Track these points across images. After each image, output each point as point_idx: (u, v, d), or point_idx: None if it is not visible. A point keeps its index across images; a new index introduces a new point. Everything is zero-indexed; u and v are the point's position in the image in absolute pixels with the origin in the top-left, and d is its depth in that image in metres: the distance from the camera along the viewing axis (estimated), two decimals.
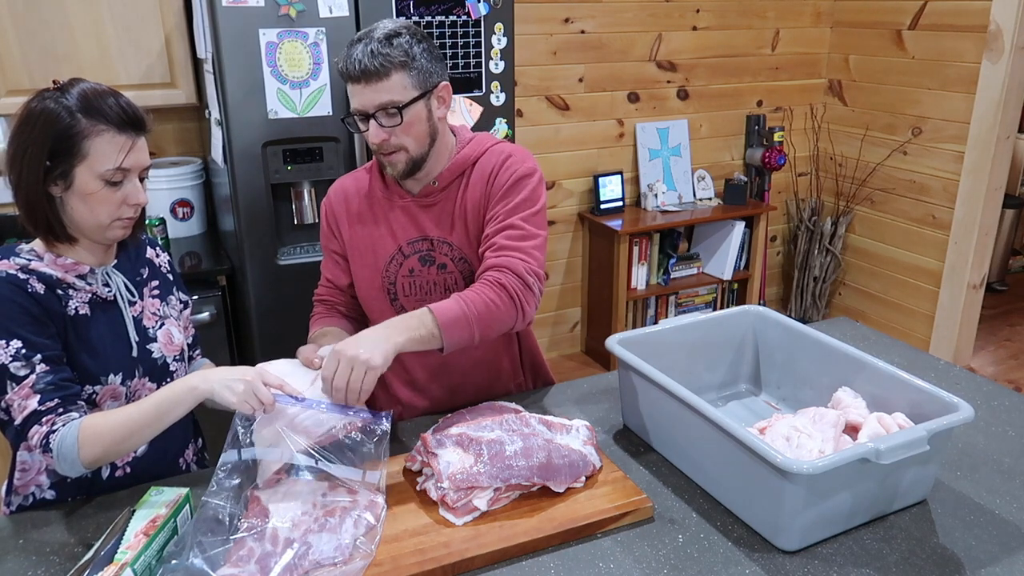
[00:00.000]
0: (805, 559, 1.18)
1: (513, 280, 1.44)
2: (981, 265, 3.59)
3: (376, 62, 1.38)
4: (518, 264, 1.45)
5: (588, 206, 3.76)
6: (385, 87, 1.40)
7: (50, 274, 1.28)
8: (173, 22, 2.51)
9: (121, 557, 1.10)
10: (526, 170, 1.53)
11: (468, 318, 1.38)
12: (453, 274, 1.57)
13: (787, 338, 1.58)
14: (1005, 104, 3.32)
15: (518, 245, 1.47)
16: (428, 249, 1.57)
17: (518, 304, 1.44)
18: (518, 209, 1.50)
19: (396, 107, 1.42)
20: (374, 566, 1.14)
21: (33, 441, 1.23)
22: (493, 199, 1.52)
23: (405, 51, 1.40)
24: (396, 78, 1.40)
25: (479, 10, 2.46)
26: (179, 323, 1.49)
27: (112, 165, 1.25)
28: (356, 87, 1.42)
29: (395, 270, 1.58)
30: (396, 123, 1.43)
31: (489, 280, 1.44)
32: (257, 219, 2.37)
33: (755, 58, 3.92)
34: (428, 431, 1.40)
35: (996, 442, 1.48)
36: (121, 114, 1.25)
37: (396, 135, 1.44)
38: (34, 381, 1.23)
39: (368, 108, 1.42)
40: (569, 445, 1.35)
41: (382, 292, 1.60)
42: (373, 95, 1.41)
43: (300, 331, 1.72)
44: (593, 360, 3.93)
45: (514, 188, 1.51)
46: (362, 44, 1.40)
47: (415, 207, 1.57)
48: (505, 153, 1.55)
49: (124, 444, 1.25)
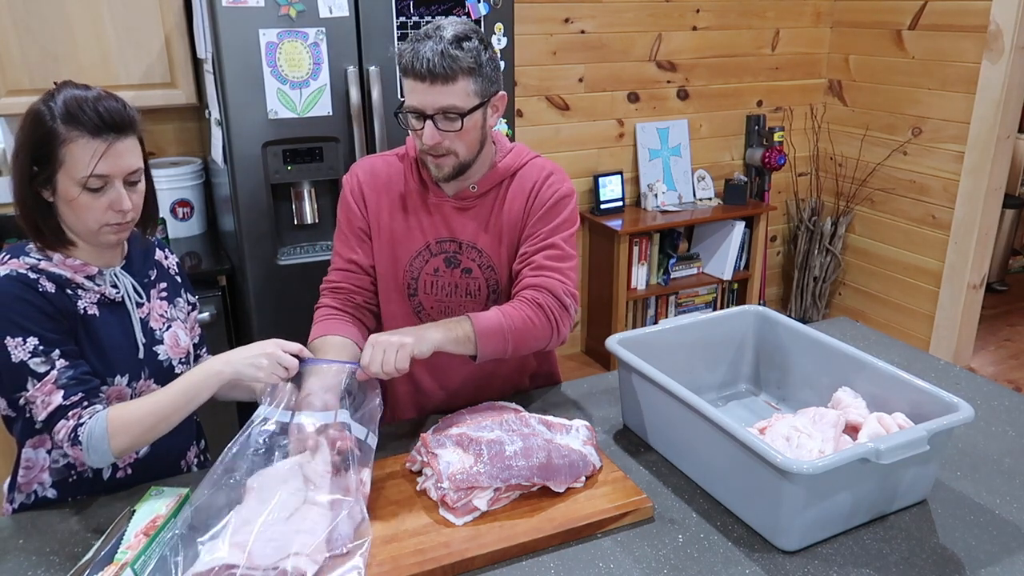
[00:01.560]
0: (805, 559, 1.18)
1: (551, 301, 1.47)
2: (981, 265, 3.59)
3: (445, 64, 1.36)
4: (557, 285, 1.48)
5: (588, 206, 3.76)
6: (450, 91, 1.38)
7: (60, 274, 1.28)
8: (173, 22, 2.51)
9: (121, 557, 1.10)
10: (567, 190, 1.55)
11: (504, 331, 1.42)
12: (478, 279, 1.57)
13: (787, 338, 1.58)
14: (1005, 104, 3.32)
15: (557, 266, 1.50)
16: (455, 251, 1.57)
17: (554, 324, 1.47)
18: (558, 230, 1.52)
19: (458, 113, 1.40)
20: (374, 566, 1.14)
21: (60, 436, 1.24)
22: (533, 216, 1.53)
23: (475, 57, 1.38)
24: (462, 83, 1.38)
25: (479, 10, 2.46)
26: (186, 325, 1.49)
27: (86, 172, 1.23)
28: (419, 85, 1.38)
29: (420, 266, 1.58)
30: (455, 128, 1.41)
31: (528, 299, 1.47)
32: (257, 219, 2.37)
33: (755, 58, 3.92)
34: (428, 431, 1.40)
35: (996, 442, 1.48)
36: (96, 119, 1.22)
37: (450, 139, 1.43)
38: (56, 377, 1.24)
39: (428, 109, 1.40)
40: (569, 445, 1.35)
41: (401, 284, 1.59)
42: (436, 96, 1.38)
43: (300, 331, 1.72)
44: (593, 360, 3.93)
45: (555, 208, 1.53)
46: (431, 42, 1.36)
47: (449, 208, 1.56)
48: (548, 170, 1.56)
49: (152, 432, 1.28)
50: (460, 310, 1.56)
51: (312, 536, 1.15)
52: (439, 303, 1.59)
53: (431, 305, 1.60)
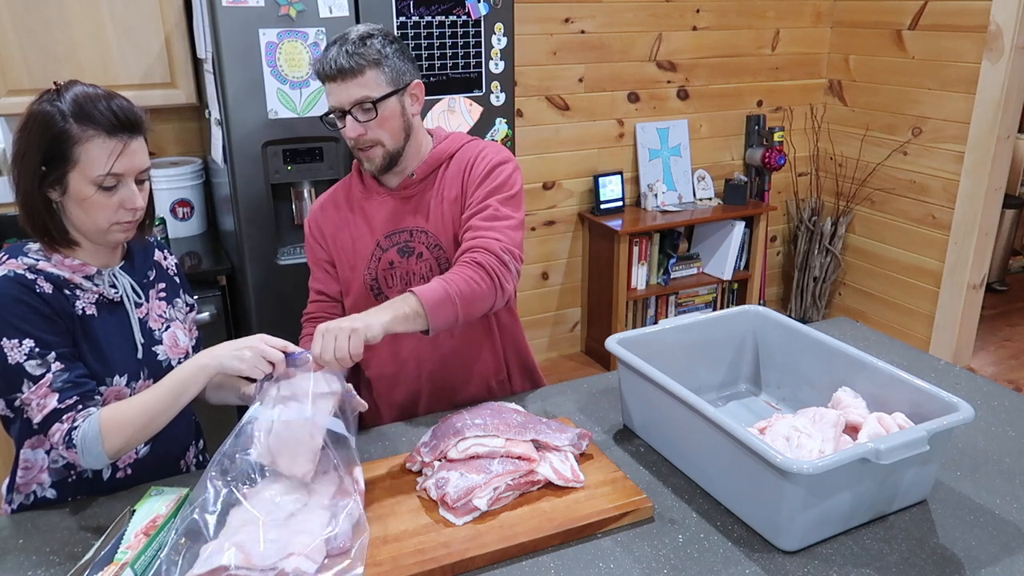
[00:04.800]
0: (805, 559, 1.18)
1: (489, 258, 1.48)
2: (981, 265, 3.59)
3: (352, 61, 1.46)
4: (493, 243, 1.50)
5: (588, 206, 3.76)
6: (359, 83, 1.48)
7: (58, 274, 1.28)
8: (173, 22, 2.51)
9: (121, 557, 1.10)
10: (501, 158, 1.60)
11: (451, 297, 1.42)
12: (428, 261, 1.61)
13: (787, 338, 1.58)
14: (1005, 104, 3.32)
15: (492, 225, 1.53)
16: (407, 240, 1.62)
17: (496, 281, 1.48)
18: (493, 193, 1.57)
19: (371, 102, 1.49)
20: (374, 566, 1.14)
21: (55, 439, 1.24)
22: (471, 187, 1.58)
23: (378, 50, 1.49)
24: (370, 75, 1.48)
25: (479, 10, 2.46)
26: (185, 326, 1.49)
27: (103, 171, 1.24)
28: (332, 85, 1.49)
29: (375, 265, 1.63)
30: (371, 118, 1.50)
31: (467, 261, 1.49)
32: (257, 219, 2.37)
33: (755, 58, 3.92)
34: (427, 433, 1.40)
35: (996, 442, 1.48)
36: (112, 118, 1.23)
37: (372, 130, 1.51)
38: (51, 380, 1.24)
39: (344, 104, 1.49)
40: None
41: (367, 289, 1.64)
42: (349, 91, 1.48)
43: (300, 331, 1.72)
44: (593, 360, 3.93)
45: (490, 175, 1.58)
46: (337, 46, 1.48)
47: (393, 200, 1.63)
48: (481, 146, 1.63)
49: (145, 431, 1.27)
50: None
51: (311, 536, 1.15)
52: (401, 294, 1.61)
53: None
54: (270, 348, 1.27)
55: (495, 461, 1.31)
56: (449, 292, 1.42)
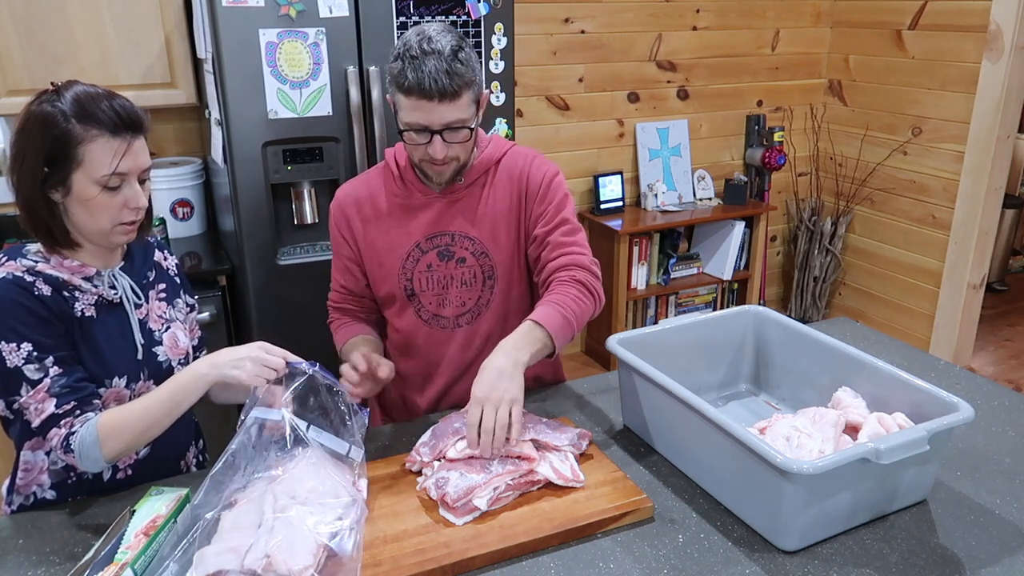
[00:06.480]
0: (805, 559, 1.18)
1: (586, 275, 1.53)
2: (981, 265, 3.59)
3: (453, 83, 1.37)
4: (582, 258, 1.54)
5: (588, 206, 3.76)
6: (456, 106, 1.40)
7: (56, 276, 1.27)
8: (173, 22, 2.51)
9: (121, 557, 1.10)
10: (555, 169, 1.62)
11: (569, 320, 1.45)
12: (472, 268, 1.60)
13: (787, 338, 1.58)
14: (1005, 104, 3.32)
15: (574, 240, 1.56)
16: (448, 243, 1.59)
17: (595, 294, 1.53)
18: (562, 206, 1.58)
19: (465, 126, 1.44)
20: (374, 566, 1.14)
21: (53, 443, 1.24)
22: (532, 199, 1.58)
23: (472, 68, 1.41)
24: (465, 97, 1.41)
25: (479, 10, 2.46)
26: (185, 327, 1.49)
27: (108, 171, 1.23)
28: (425, 103, 1.38)
29: (412, 266, 1.60)
30: (461, 140, 1.45)
31: (566, 279, 1.51)
32: (257, 219, 2.37)
33: (755, 58, 3.92)
34: (427, 433, 1.40)
35: (996, 442, 1.48)
36: (115, 118, 1.23)
37: (454, 148, 1.47)
38: (49, 385, 1.23)
39: (435, 125, 1.41)
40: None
41: (400, 290, 1.62)
42: (443, 113, 1.40)
43: (300, 331, 1.72)
44: (593, 360, 3.93)
45: (552, 187, 1.59)
46: (433, 60, 1.36)
47: (438, 203, 1.59)
48: (530, 155, 1.62)
49: (143, 437, 1.28)
50: (456, 301, 1.61)
51: (310, 537, 1.14)
52: (437, 297, 1.62)
53: (429, 301, 1.62)
54: (270, 357, 1.27)
55: (495, 461, 1.31)
56: (566, 315, 1.45)
